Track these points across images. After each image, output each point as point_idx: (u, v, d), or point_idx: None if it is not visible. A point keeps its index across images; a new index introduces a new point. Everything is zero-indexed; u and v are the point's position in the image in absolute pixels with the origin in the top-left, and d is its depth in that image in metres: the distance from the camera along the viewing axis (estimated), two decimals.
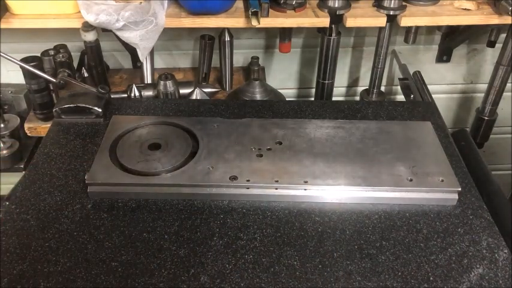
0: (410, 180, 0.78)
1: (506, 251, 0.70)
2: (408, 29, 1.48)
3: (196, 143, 0.85)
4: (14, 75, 1.52)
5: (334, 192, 0.78)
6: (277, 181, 0.77)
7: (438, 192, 0.77)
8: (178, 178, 0.78)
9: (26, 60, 1.27)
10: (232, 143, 0.85)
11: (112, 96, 1.39)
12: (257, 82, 1.34)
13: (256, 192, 0.77)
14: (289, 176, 0.78)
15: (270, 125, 0.90)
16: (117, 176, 0.78)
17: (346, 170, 0.80)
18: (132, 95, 1.31)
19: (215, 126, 0.88)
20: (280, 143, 0.85)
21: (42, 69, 1.30)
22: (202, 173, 0.78)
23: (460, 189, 0.77)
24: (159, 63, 1.59)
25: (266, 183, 0.77)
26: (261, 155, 0.82)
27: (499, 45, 1.49)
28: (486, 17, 1.30)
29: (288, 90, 1.69)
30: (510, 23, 1.29)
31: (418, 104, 1.22)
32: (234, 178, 0.78)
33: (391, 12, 1.28)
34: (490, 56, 1.66)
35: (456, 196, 0.77)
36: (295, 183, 0.77)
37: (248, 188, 0.77)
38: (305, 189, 0.77)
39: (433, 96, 1.39)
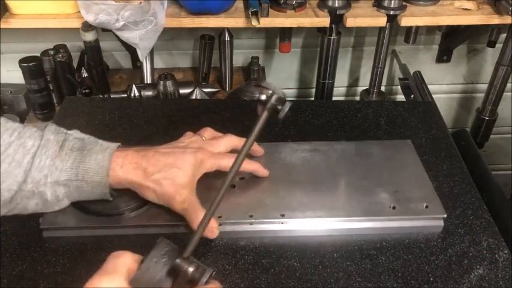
0: (393, 208, 0.73)
1: (506, 251, 0.70)
2: (408, 29, 1.48)
3: None
4: (14, 75, 1.52)
5: (312, 225, 0.72)
6: (251, 216, 0.71)
7: (423, 219, 0.72)
8: (143, 218, 0.70)
9: (26, 60, 1.27)
10: None
11: (112, 96, 1.40)
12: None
13: (229, 229, 0.71)
14: (264, 209, 0.72)
15: None
16: (73, 219, 0.70)
17: (325, 199, 0.74)
18: (132, 95, 1.31)
19: None
20: None
21: (41, 69, 1.31)
22: (170, 210, 0.70)
23: (445, 215, 0.72)
24: (159, 63, 1.59)
25: (240, 219, 0.71)
26: (233, 186, 0.76)
27: (499, 45, 1.49)
28: (486, 17, 1.30)
29: (288, 90, 1.69)
30: (510, 23, 1.29)
31: (418, 104, 1.21)
32: None
33: (391, 12, 1.28)
34: (490, 56, 1.66)
35: (442, 223, 0.73)
36: (271, 217, 0.71)
37: (220, 225, 0.70)
38: (282, 223, 0.71)
39: (433, 96, 1.39)
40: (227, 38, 1.41)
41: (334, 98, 1.55)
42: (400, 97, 1.64)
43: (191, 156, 0.69)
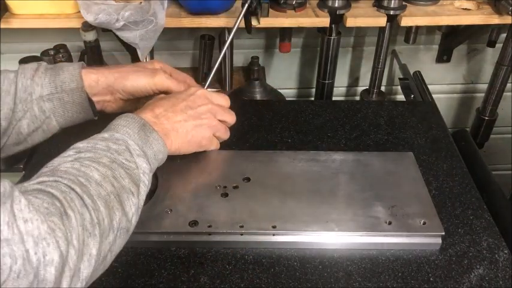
0: (389, 223, 0.71)
1: (506, 251, 0.70)
2: (408, 29, 1.48)
3: (156, 180, 0.76)
4: None
5: (304, 238, 0.71)
6: (242, 226, 0.70)
7: (419, 236, 0.71)
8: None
9: (25, 60, 1.27)
10: (195, 180, 0.77)
11: None
12: (257, 82, 1.34)
13: (218, 239, 0.70)
14: (256, 220, 0.71)
15: (239, 158, 0.82)
16: None
17: (319, 212, 0.72)
18: None
19: (178, 161, 0.79)
20: (249, 179, 0.77)
21: None
22: (159, 218, 0.70)
23: (443, 233, 0.71)
24: None
25: (229, 229, 0.70)
26: (226, 194, 0.75)
27: (499, 45, 1.49)
28: (486, 17, 1.30)
29: (288, 90, 1.69)
30: (510, 23, 1.29)
31: (418, 104, 1.22)
32: (194, 223, 0.70)
33: (391, 12, 1.28)
34: (490, 56, 1.66)
35: (439, 240, 0.71)
36: (262, 229, 0.70)
37: (210, 235, 0.70)
38: (273, 235, 0.70)
39: (433, 96, 1.39)
40: (227, 38, 1.40)
41: (334, 98, 1.55)
42: (400, 97, 1.63)
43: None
